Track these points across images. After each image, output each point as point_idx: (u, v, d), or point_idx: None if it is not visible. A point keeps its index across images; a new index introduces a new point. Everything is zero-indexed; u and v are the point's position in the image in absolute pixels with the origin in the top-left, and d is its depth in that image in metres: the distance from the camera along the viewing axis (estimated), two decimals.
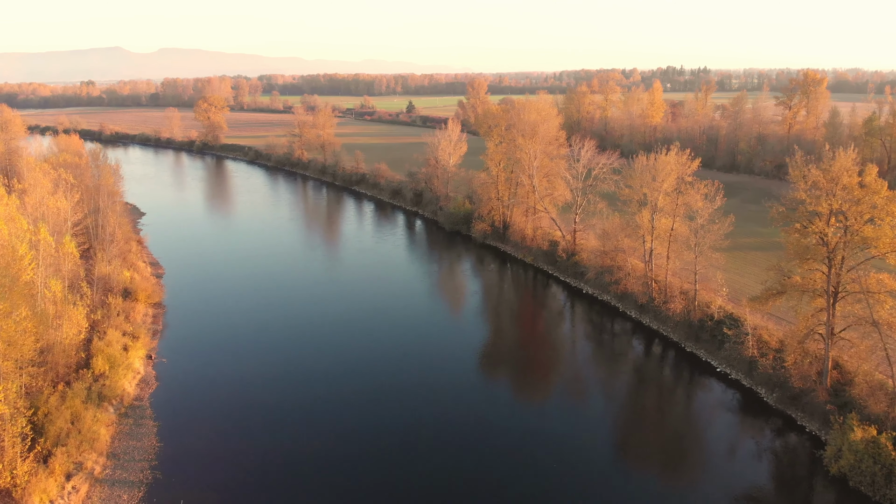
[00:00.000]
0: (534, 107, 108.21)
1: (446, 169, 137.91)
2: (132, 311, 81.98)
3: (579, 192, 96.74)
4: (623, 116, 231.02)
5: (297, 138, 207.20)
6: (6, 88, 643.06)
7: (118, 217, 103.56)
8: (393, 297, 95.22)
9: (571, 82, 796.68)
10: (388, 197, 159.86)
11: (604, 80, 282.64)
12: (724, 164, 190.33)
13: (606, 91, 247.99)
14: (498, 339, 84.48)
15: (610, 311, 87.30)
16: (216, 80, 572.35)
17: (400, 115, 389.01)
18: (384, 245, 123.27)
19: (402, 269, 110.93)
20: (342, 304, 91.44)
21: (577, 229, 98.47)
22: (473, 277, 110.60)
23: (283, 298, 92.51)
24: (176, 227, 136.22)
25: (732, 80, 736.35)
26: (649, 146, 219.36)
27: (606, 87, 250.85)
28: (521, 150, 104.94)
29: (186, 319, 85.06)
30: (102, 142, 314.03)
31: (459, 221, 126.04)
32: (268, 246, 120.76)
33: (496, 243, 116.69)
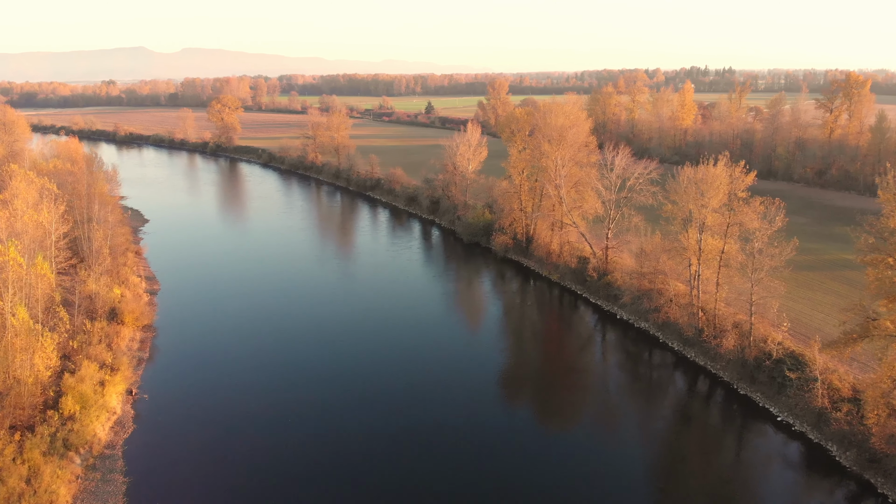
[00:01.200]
0: (561, 110, 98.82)
1: (465, 176, 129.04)
2: (117, 335, 74.10)
3: (612, 204, 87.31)
4: (651, 119, 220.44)
5: (310, 141, 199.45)
6: (27, 87, 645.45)
7: (111, 228, 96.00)
8: (407, 312, 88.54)
9: (594, 82, 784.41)
10: (404, 204, 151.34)
11: (630, 81, 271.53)
12: (761, 170, 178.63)
13: (633, 92, 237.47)
14: (519, 360, 77.31)
15: (648, 341, 77.85)
16: (235, 79, 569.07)
17: (418, 116, 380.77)
18: (399, 257, 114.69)
19: (418, 284, 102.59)
20: (355, 326, 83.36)
21: (609, 246, 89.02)
22: (493, 294, 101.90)
23: (290, 320, 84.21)
24: (180, 236, 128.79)
25: (758, 80, 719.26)
26: (679, 150, 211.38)
27: (633, 88, 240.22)
28: (546, 158, 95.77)
29: (178, 345, 76.99)
30: (116, 142, 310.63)
31: (478, 232, 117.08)
32: (275, 259, 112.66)
33: (518, 258, 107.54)
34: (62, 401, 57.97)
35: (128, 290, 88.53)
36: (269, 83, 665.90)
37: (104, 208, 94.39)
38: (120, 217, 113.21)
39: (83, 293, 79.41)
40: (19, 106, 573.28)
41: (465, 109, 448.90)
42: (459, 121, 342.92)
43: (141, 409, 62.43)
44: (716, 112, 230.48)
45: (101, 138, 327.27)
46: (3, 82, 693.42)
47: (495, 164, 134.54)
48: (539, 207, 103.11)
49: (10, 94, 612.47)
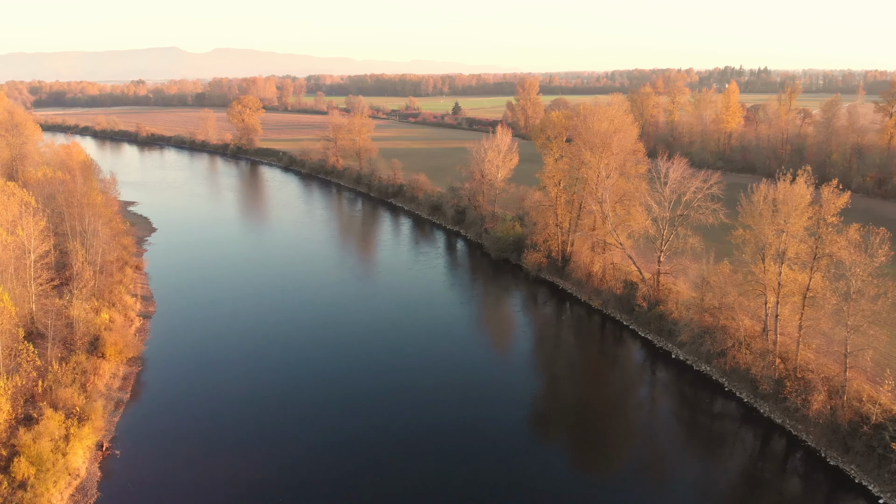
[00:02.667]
0: (604, 113, 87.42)
1: (493, 184, 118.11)
2: (95, 372, 64.74)
3: (665, 223, 75.71)
4: (693, 121, 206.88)
5: (331, 144, 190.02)
6: (56, 87, 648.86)
7: (105, 243, 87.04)
8: (430, 332, 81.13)
9: (626, 82, 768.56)
10: (427, 213, 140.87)
11: (670, 81, 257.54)
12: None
13: (673, 92, 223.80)
14: (553, 393, 69.06)
15: (710, 387, 66.28)
16: (261, 79, 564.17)
17: (445, 116, 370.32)
18: (420, 273, 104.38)
19: (441, 302, 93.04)
20: (374, 350, 75.17)
21: (661, 271, 77.43)
22: (524, 317, 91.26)
23: (301, 350, 74.29)
24: (188, 248, 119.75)
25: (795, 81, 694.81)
26: (723, 155, 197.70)
27: (673, 88, 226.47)
28: (587, 168, 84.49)
29: (167, 383, 67.38)
30: (138, 143, 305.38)
31: (508, 248, 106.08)
32: (289, 277, 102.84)
33: (553, 278, 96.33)
34: (14, 463, 48.60)
35: (118, 314, 79.35)
36: (296, 83, 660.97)
37: (97, 221, 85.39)
38: (120, 228, 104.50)
39: (63, 320, 70.37)
40: (48, 105, 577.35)
41: (492, 110, 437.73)
42: (487, 122, 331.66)
43: (111, 469, 52.79)
44: (761, 114, 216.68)
45: (124, 139, 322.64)
46: (34, 81, 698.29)
47: (525, 169, 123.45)
48: (577, 224, 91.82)
49: (39, 92, 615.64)
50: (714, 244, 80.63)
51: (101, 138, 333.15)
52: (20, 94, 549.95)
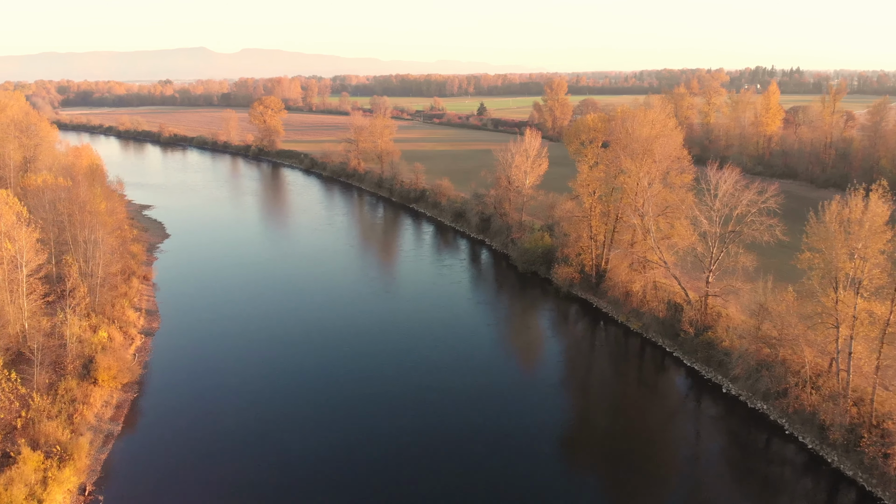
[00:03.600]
0: (645, 117, 79.93)
1: (521, 192, 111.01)
2: (85, 401, 59.14)
3: (715, 240, 68.08)
4: (730, 124, 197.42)
5: (352, 146, 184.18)
6: (84, 86, 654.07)
7: (107, 254, 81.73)
8: (451, 346, 76.54)
9: (654, 82, 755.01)
10: (450, 220, 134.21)
11: (705, 81, 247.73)
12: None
13: (709, 93, 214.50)
14: (584, 419, 63.66)
15: (767, 428, 58.72)
16: (286, 80, 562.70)
17: (470, 117, 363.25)
18: (442, 284, 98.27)
19: (463, 315, 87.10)
20: (394, 364, 70.69)
21: (710, 293, 69.79)
22: (553, 335, 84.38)
23: (315, 377, 68.14)
24: (200, 256, 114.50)
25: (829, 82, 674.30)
26: (762, 159, 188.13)
27: (709, 89, 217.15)
28: (627, 177, 77.13)
29: (163, 413, 61.59)
30: (161, 144, 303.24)
31: (536, 260, 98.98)
32: (305, 289, 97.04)
33: (586, 295, 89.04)
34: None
35: (117, 332, 73.95)
36: (321, 83, 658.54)
37: (100, 230, 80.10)
38: (127, 237, 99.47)
39: (57, 339, 65.08)
40: (75, 104, 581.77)
41: (518, 111, 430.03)
42: (513, 123, 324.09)
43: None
44: (801, 116, 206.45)
45: (147, 139, 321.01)
46: (63, 80, 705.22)
47: (553, 173, 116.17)
48: (613, 237, 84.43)
49: (67, 92, 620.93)
50: (765, 259, 73.11)
51: (125, 138, 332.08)
52: (48, 94, 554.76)
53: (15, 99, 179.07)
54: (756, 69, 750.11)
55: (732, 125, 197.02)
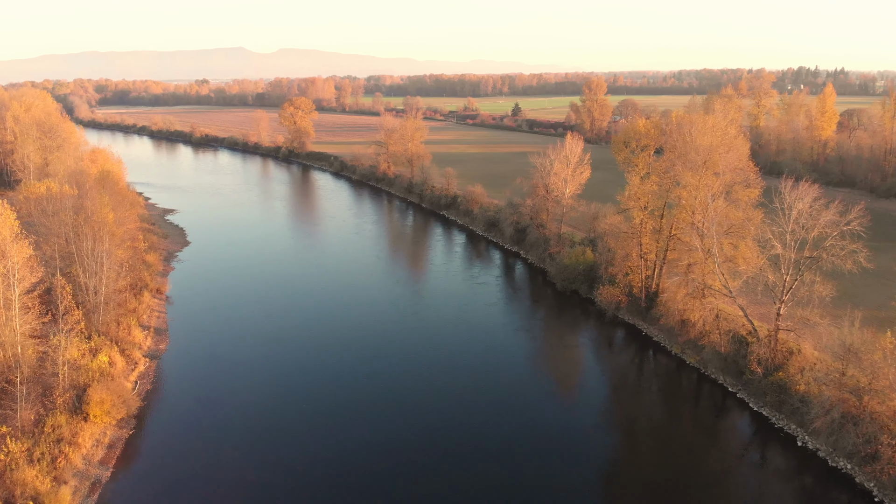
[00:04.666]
0: (705, 123, 70.98)
1: (560, 202, 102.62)
2: (73, 441, 52.83)
3: (790, 266, 59.04)
4: (782, 128, 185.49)
5: (382, 148, 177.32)
6: (122, 85, 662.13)
7: (113, 270, 75.87)
8: (483, 366, 70.52)
9: (694, 82, 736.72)
10: (483, 229, 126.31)
11: (754, 82, 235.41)
12: None
13: (759, 95, 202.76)
14: (629, 456, 57.00)
15: (852, 491, 49.67)
16: (320, 80, 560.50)
17: (504, 118, 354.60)
18: (473, 300, 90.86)
19: (494, 333, 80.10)
20: (423, 382, 64.10)
21: (782, 327, 60.76)
22: (595, 362, 75.98)
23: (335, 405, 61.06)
24: (219, 266, 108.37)
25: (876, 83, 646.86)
26: (817, 166, 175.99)
27: (758, 91, 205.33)
28: (684, 191, 68.39)
29: (161, 455, 54.97)
30: (192, 144, 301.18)
31: (577, 278, 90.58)
32: (329, 305, 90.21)
33: (634, 320, 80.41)
34: None
35: (119, 356, 67.84)
36: (356, 83, 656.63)
37: (107, 243, 74.16)
38: (140, 247, 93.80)
39: (49, 366, 59.15)
40: (112, 103, 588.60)
41: (553, 111, 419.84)
42: (549, 124, 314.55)
43: None
44: (855, 121, 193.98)
45: (179, 139, 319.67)
46: (101, 79, 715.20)
47: (592, 178, 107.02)
48: (665, 256, 75.62)
49: (104, 91, 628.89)
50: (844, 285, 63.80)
51: (158, 138, 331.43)
52: (85, 92, 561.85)
53: (41, 98, 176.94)
54: (799, 70, 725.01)
55: (784, 129, 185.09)
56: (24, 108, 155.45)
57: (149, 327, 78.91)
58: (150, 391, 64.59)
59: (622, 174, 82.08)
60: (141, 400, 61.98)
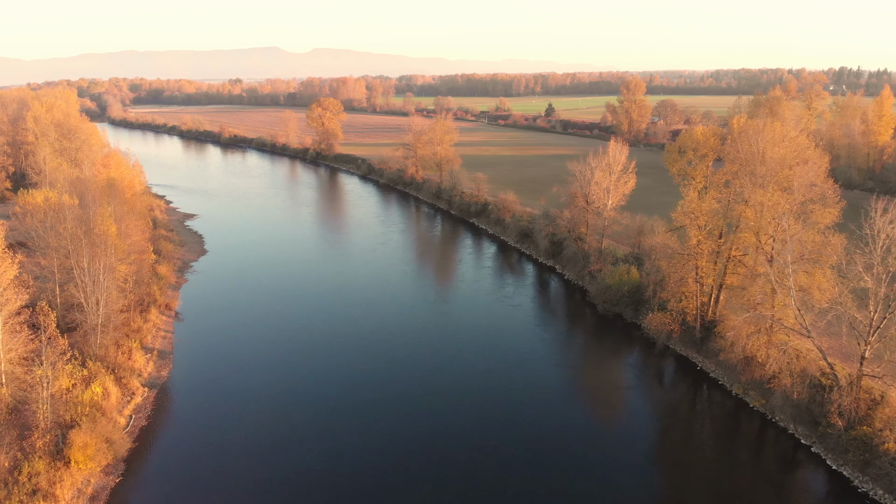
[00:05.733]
0: (776, 133, 62.12)
1: (601, 214, 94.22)
2: (52, 490, 46.48)
3: (879, 302, 50.11)
4: (836, 132, 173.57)
5: (410, 151, 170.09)
6: (155, 84, 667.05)
7: (116, 286, 69.86)
8: (512, 397, 63.81)
9: (733, 82, 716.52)
10: (515, 240, 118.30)
11: (807, 83, 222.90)
12: None
13: (810, 97, 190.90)
14: None
15: None
16: (351, 80, 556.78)
17: (537, 119, 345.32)
18: (503, 317, 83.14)
19: (527, 353, 73.06)
20: (454, 419, 54.27)
21: (867, 373, 51.84)
22: (641, 397, 67.76)
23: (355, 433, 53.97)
24: (236, 279, 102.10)
25: None
26: (872, 173, 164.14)
27: (810, 92, 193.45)
28: (749, 209, 59.72)
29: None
30: (221, 145, 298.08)
31: (621, 300, 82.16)
32: (344, 326, 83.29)
33: (687, 352, 71.76)
34: None
35: (115, 386, 61.61)
36: (387, 83, 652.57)
37: (105, 259, 68.05)
38: (149, 260, 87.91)
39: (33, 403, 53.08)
40: (146, 102, 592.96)
41: (588, 111, 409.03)
42: (583, 125, 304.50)
43: None
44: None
45: (208, 139, 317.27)
46: (136, 78, 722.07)
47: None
48: (724, 281, 66.88)
49: (138, 90, 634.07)
50: None
51: (187, 138, 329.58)
52: (120, 91, 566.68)
53: (63, 98, 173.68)
54: (840, 70, 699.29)
55: (838, 134, 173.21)
56: (45, 108, 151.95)
57: (152, 350, 72.74)
58: (145, 428, 58.12)
59: (665, 180, 73.79)
60: (132, 440, 55.54)
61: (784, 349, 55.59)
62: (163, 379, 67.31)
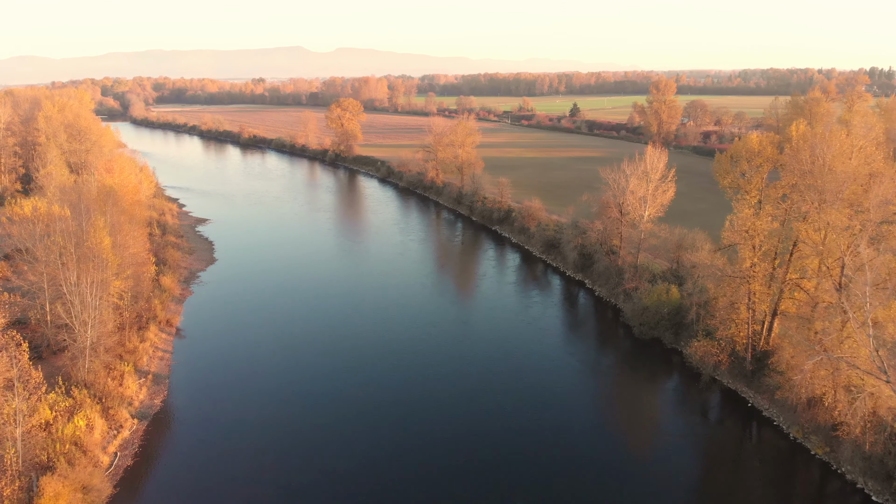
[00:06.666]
0: (846, 145, 54.50)
1: (637, 226, 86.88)
2: None
3: None
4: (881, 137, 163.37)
5: (430, 154, 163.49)
6: (179, 83, 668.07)
7: (109, 303, 64.24)
8: (541, 434, 54.41)
9: (762, 82, 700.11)
10: (541, 250, 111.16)
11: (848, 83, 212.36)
12: None
13: (851, 98, 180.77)
14: None
15: None
16: (373, 80, 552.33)
17: (562, 119, 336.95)
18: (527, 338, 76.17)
19: (552, 392, 63.94)
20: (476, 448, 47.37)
21: None
22: (683, 433, 60.42)
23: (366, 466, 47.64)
24: (244, 291, 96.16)
25: None
26: None
27: (851, 93, 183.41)
28: (815, 230, 52.23)
29: None
30: (240, 145, 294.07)
31: (660, 324, 74.72)
32: (355, 344, 77.06)
33: (737, 385, 64.20)
34: None
35: (101, 418, 55.86)
36: (409, 83, 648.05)
37: (101, 274, 62.42)
38: (149, 274, 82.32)
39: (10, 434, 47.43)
40: (169, 101, 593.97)
41: (613, 111, 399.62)
42: (610, 126, 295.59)
43: None
44: None
45: (227, 139, 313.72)
46: (160, 77, 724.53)
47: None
48: (777, 307, 59.32)
49: (162, 89, 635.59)
50: None
51: (207, 138, 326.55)
52: (143, 90, 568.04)
53: (76, 98, 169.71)
54: (871, 69, 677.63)
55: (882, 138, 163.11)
56: (57, 108, 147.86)
57: (147, 373, 67.00)
58: (130, 469, 52.14)
59: (698, 185, 66.52)
60: (114, 484, 49.56)
61: (856, 394, 48.00)
62: (155, 408, 61.41)
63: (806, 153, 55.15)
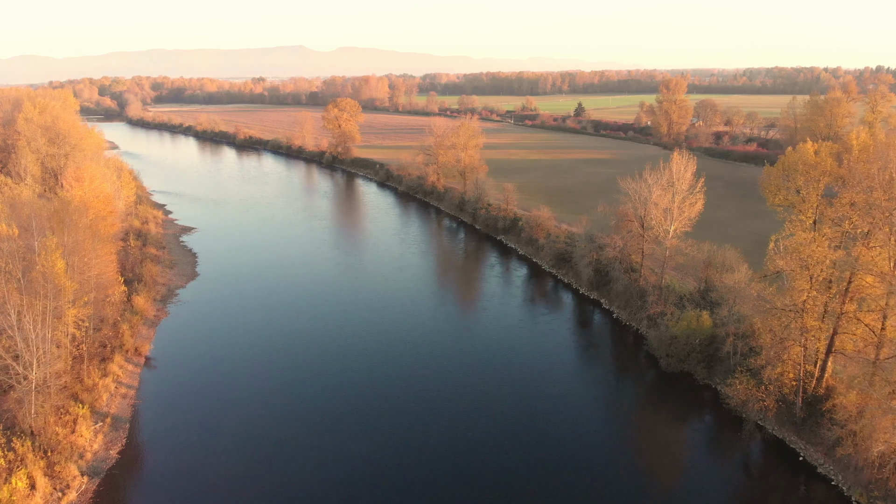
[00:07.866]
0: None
1: (661, 242, 78.24)
2: None
3: None
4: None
5: (431, 156, 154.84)
6: (178, 83, 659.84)
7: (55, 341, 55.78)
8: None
9: (768, 81, 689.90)
10: (550, 264, 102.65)
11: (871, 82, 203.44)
12: None
13: (874, 98, 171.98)
14: None
15: None
16: (374, 79, 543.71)
17: (567, 119, 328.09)
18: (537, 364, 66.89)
19: (565, 434, 54.52)
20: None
21: None
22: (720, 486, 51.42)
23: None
24: (224, 315, 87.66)
25: None
26: None
27: (874, 94, 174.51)
28: (882, 256, 43.68)
29: None
30: (236, 146, 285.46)
31: (690, 357, 66.06)
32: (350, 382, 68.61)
33: (784, 433, 55.55)
34: None
35: (44, 478, 47.46)
36: (411, 82, 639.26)
37: (40, 308, 53.93)
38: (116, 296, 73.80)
39: None
40: (167, 101, 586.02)
41: (618, 111, 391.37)
42: (616, 126, 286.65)
43: None
44: None
45: (223, 140, 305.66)
46: (159, 77, 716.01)
47: None
48: (831, 344, 50.73)
49: (160, 88, 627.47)
50: None
51: (202, 139, 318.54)
52: (141, 90, 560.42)
53: (59, 99, 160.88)
54: (878, 69, 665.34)
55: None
56: (37, 110, 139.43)
57: (106, 415, 58.59)
58: None
59: (715, 189, 58.43)
60: None
61: None
62: (111, 461, 52.88)
63: (875, 165, 46.60)
